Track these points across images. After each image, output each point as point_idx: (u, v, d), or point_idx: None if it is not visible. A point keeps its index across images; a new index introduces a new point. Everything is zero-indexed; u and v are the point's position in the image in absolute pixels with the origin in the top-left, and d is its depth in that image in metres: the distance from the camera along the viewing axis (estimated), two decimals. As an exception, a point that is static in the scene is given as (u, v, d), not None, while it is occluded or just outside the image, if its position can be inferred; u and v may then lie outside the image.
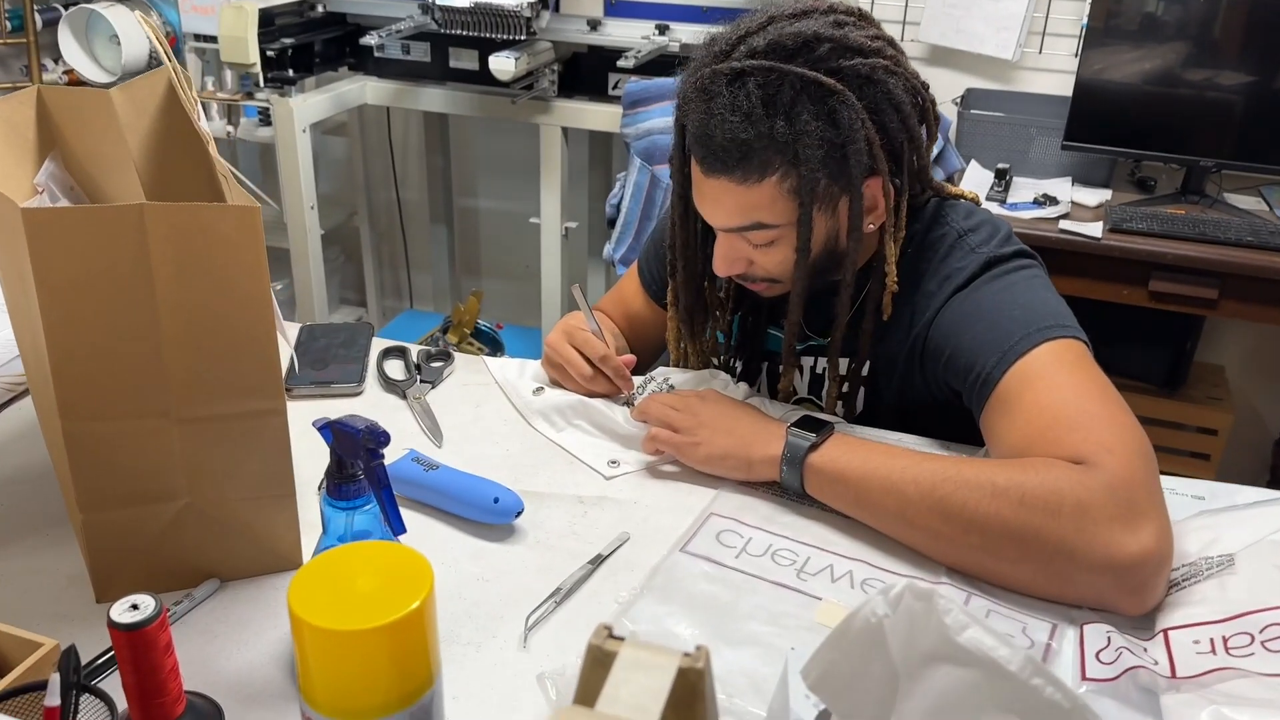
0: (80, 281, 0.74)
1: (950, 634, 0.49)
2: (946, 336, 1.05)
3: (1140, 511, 0.84)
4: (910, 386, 1.12)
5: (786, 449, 0.99)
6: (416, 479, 0.97)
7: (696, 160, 1.03)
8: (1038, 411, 0.93)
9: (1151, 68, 2.22)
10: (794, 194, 1.01)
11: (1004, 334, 0.99)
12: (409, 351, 1.26)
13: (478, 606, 0.86)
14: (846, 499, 0.97)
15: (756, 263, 1.08)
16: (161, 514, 0.84)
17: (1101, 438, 0.89)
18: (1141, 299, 2.11)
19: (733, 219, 1.04)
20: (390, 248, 3.28)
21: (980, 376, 0.99)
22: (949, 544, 0.91)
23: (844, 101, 0.98)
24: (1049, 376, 0.95)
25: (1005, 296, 1.03)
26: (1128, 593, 0.85)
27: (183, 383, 0.79)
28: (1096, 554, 0.84)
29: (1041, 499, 0.86)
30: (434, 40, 2.49)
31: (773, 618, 0.86)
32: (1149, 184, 2.37)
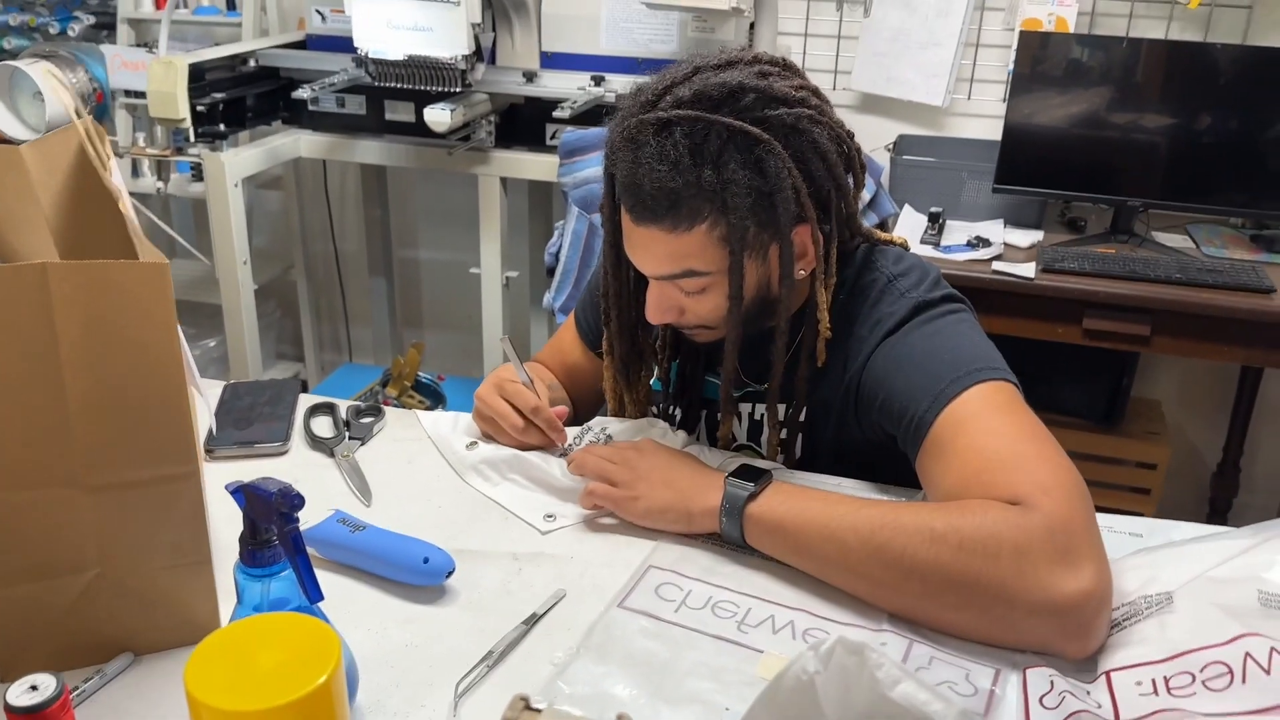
0: (-22, 345, 0.71)
1: (883, 689, 0.48)
2: (879, 381, 1.06)
3: (1079, 552, 0.84)
4: (846, 431, 1.12)
5: (725, 499, 0.98)
6: (342, 541, 0.94)
7: (626, 209, 1.03)
8: (972, 454, 0.94)
9: (1077, 111, 2.27)
10: (724, 242, 1.01)
11: (934, 378, 0.99)
12: (337, 408, 1.23)
13: (406, 675, 0.83)
14: (786, 548, 0.96)
15: (689, 310, 1.08)
16: (70, 587, 0.80)
17: (1037, 478, 0.89)
18: (1076, 337, 2.14)
19: (663, 267, 1.04)
20: (328, 301, 3.23)
21: (913, 421, 0.99)
22: (890, 591, 0.90)
23: (770, 150, 0.98)
24: (981, 419, 0.95)
25: (935, 341, 1.04)
26: (1070, 636, 0.84)
27: (90, 448, 0.76)
28: (1036, 597, 0.83)
29: (980, 543, 0.85)
30: (369, 93, 2.48)
31: (713, 673, 0.84)
32: (1079, 224, 2.42)
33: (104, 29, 2.91)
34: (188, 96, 2.21)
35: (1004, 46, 2.43)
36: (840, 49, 2.53)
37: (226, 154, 2.35)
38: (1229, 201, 2.27)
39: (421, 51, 2.19)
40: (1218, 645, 0.76)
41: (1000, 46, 2.44)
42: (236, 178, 2.37)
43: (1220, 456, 2.54)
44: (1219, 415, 2.57)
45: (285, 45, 2.58)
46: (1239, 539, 0.88)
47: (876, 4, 2.46)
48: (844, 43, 2.53)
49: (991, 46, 2.45)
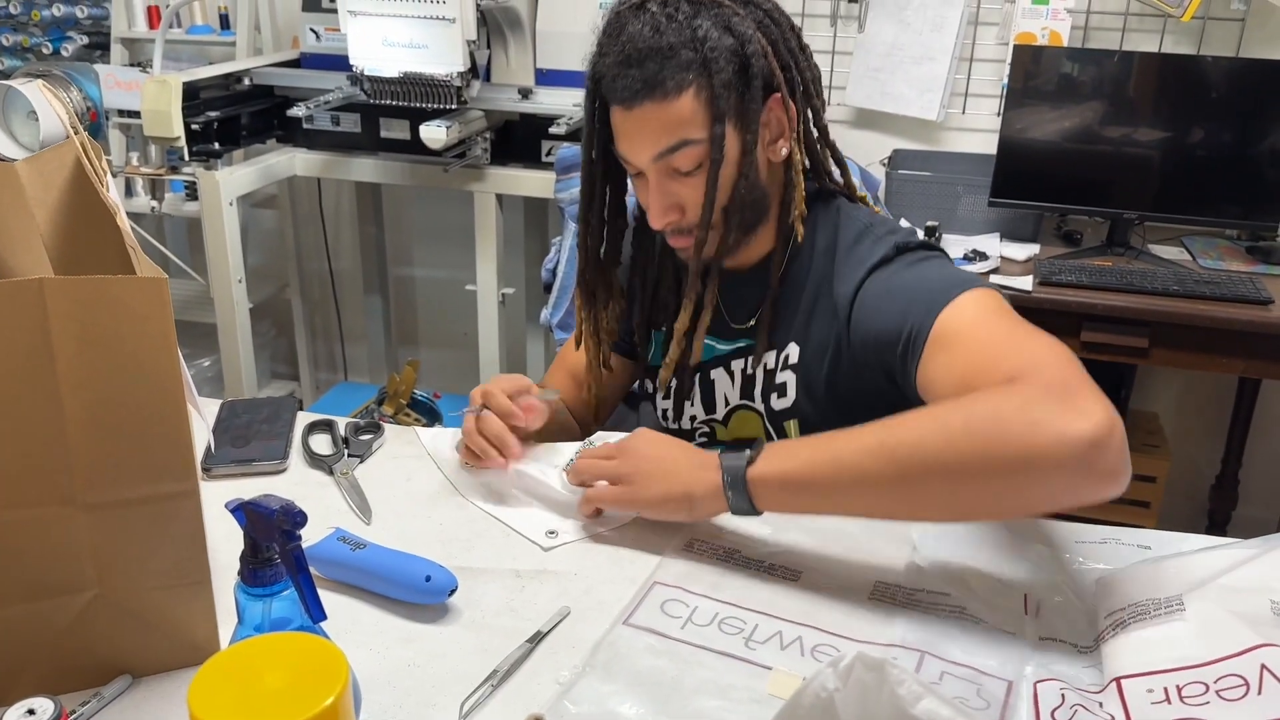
0: (-26, 362, 0.70)
1: (905, 705, 0.46)
2: (872, 312, 1.10)
3: (1081, 396, 0.85)
4: (839, 373, 1.16)
5: (725, 474, 0.97)
6: (343, 559, 0.93)
7: (618, 100, 1.09)
8: (975, 346, 0.97)
9: (1072, 125, 2.28)
10: (709, 107, 1.08)
11: (927, 295, 1.04)
12: (336, 425, 1.22)
13: (409, 695, 0.82)
14: (802, 497, 0.96)
15: (688, 203, 1.13)
16: (67, 607, 0.78)
17: (1032, 356, 0.92)
18: (1074, 349, 2.13)
19: (660, 141, 1.09)
20: (324, 319, 3.22)
21: (913, 332, 1.03)
22: (918, 496, 0.90)
23: (735, 14, 1.08)
24: (976, 317, 1.00)
25: (923, 271, 1.10)
26: (1099, 476, 0.84)
27: (88, 466, 0.74)
28: (1055, 445, 0.83)
29: (985, 418, 0.87)
30: (364, 111, 2.48)
31: (721, 690, 0.82)
32: (1075, 237, 2.42)
33: (97, 49, 2.91)
34: (182, 115, 2.21)
35: (998, 61, 2.44)
36: (835, 64, 2.54)
37: (221, 172, 2.34)
38: (1224, 213, 2.28)
39: (417, 69, 2.19)
40: (1233, 656, 0.76)
41: (994, 61, 2.45)
42: (231, 196, 2.36)
43: (1219, 469, 2.54)
44: (1217, 427, 2.57)
45: (279, 64, 2.58)
46: (1248, 548, 0.88)
47: (871, 19, 2.47)
48: (838, 58, 2.54)
49: (986, 61, 2.46)
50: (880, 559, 0.99)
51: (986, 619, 0.91)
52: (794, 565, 0.99)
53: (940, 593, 0.94)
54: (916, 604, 0.93)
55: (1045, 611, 0.93)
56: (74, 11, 2.83)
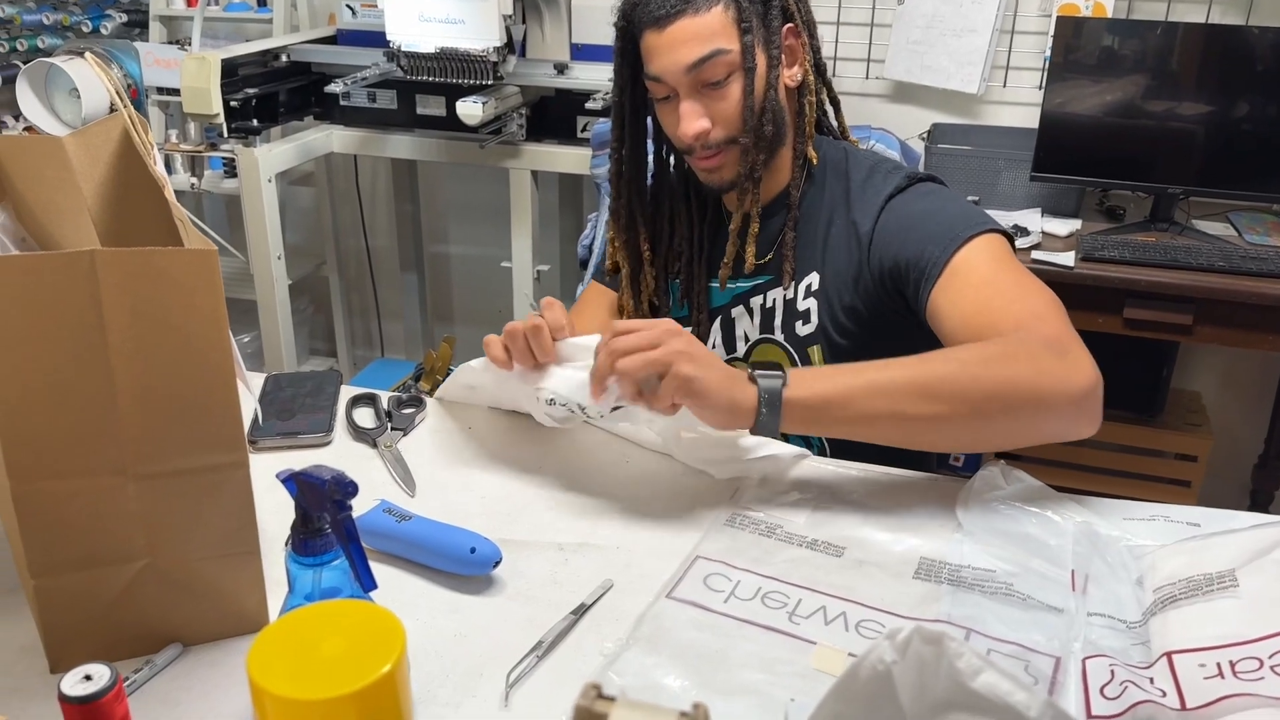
0: (29, 332, 0.70)
1: (964, 679, 0.46)
2: (893, 236, 1.20)
3: (1074, 353, 1.02)
4: (860, 298, 1.25)
5: (762, 392, 0.98)
6: (388, 531, 0.93)
7: (649, 24, 1.19)
8: (984, 285, 1.11)
9: (1116, 98, 2.23)
10: (736, 21, 1.19)
11: (948, 228, 1.15)
12: (379, 399, 1.22)
13: (456, 664, 0.82)
14: (834, 419, 1.01)
15: (716, 117, 1.21)
16: (119, 576, 0.79)
17: (1034, 308, 1.07)
18: (1116, 327, 2.11)
19: (694, 51, 1.18)
20: (360, 296, 3.24)
21: (930, 260, 1.14)
22: (944, 423, 0.99)
23: None
24: (989, 259, 1.13)
25: (938, 202, 1.21)
26: (1086, 419, 1.01)
27: (138, 437, 0.75)
28: (1057, 388, 0.99)
29: (999, 357, 1.00)
30: (400, 87, 2.48)
31: (766, 665, 0.82)
32: (1118, 213, 2.38)
33: (136, 26, 2.93)
34: (220, 92, 2.22)
35: (1040, 33, 2.40)
36: (873, 37, 2.51)
37: (260, 149, 2.35)
38: (1271, 188, 2.23)
39: (453, 44, 2.19)
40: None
41: (1036, 33, 2.41)
42: (270, 173, 2.38)
43: (1262, 448, 2.50)
44: (1260, 406, 2.52)
45: (316, 40, 2.59)
46: (1301, 526, 0.86)
47: (910, -9, 2.44)
48: (877, 30, 2.51)
49: (1027, 33, 2.42)
50: (924, 536, 0.98)
51: (1033, 596, 0.90)
52: (837, 542, 0.98)
53: (986, 569, 0.93)
54: (961, 581, 0.92)
55: (1093, 588, 0.92)
56: (113, -11, 2.85)
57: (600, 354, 0.98)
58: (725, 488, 1.06)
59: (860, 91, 2.56)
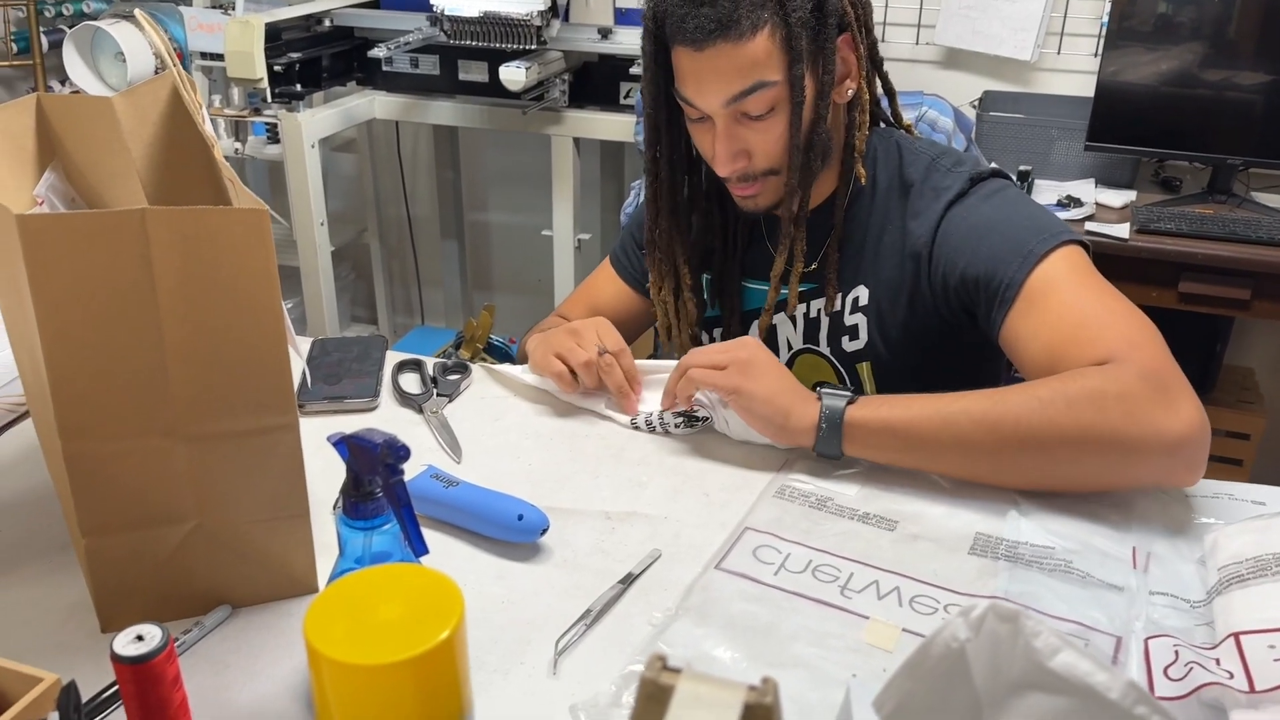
0: (79, 292, 0.70)
1: (1041, 659, 0.44)
2: (958, 250, 1.09)
3: (1174, 392, 0.91)
4: (916, 311, 1.15)
5: (824, 409, 0.98)
6: (436, 496, 0.93)
7: (686, 43, 1.04)
8: (1066, 311, 1.00)
9: (1173, 66, 2.18)
10: (785, 46, 1.04)
11: (1019, 242, 1.04)
12: (424, 364, 1.21)
13: (504, 631, 0.81)
14: (896, 447, 0.97)
15: (756, 149, 1.10)
16: (168, 537, 0.79)
17: (1128, 334, 0.96)
18: (1171, 301, 2.06)
19: (733, 84, 1.05)
20: (401, 264, 3.24)
21: (1004, 282, 1.04)
22: (1010, 463, 0.94)
23: None
24: (1069, 279, 1.02)
25: (1006, 209, 1.09)
26: (1182, 469, 0.93)
27: (189, 398, 0.75)
28: (1148, 436, 0.90)
29: (1085, 399, 0.91)
30: (443, 52, 2.46)
31: (818, 638, 0.81)
32: (1174, 184, 2.32)
33: (181, -9, 2.92)
34: (264, 56, 2.21)
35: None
36: (924, 2, 2.45)
37: (303, 114, 2.35)
38: (1335, 160, 2.17)
39: (496, 8, 2.16)
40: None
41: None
42: (313, 138, 2.37)
43: (1318, 427, 2.44)
44: (1317, 384, 2.46)
45: (359, 4, 2.57)
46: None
47: (963, -45, 2.38)
48: (928, -4, 2.45)
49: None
50: (980, 511, 0.96)
51: (1093, 574, 0.87)
52: (889, 515, 0.96)
53: (1044, 546, 0.91)
54: (1019, 557, 0.90)
55: (1155, 566, 0.89)
56: (157, -46, 2.84)
57: (675, 370, 1.08)
58: (774, 459, 1.04)
59: (910, 58, 2.50)
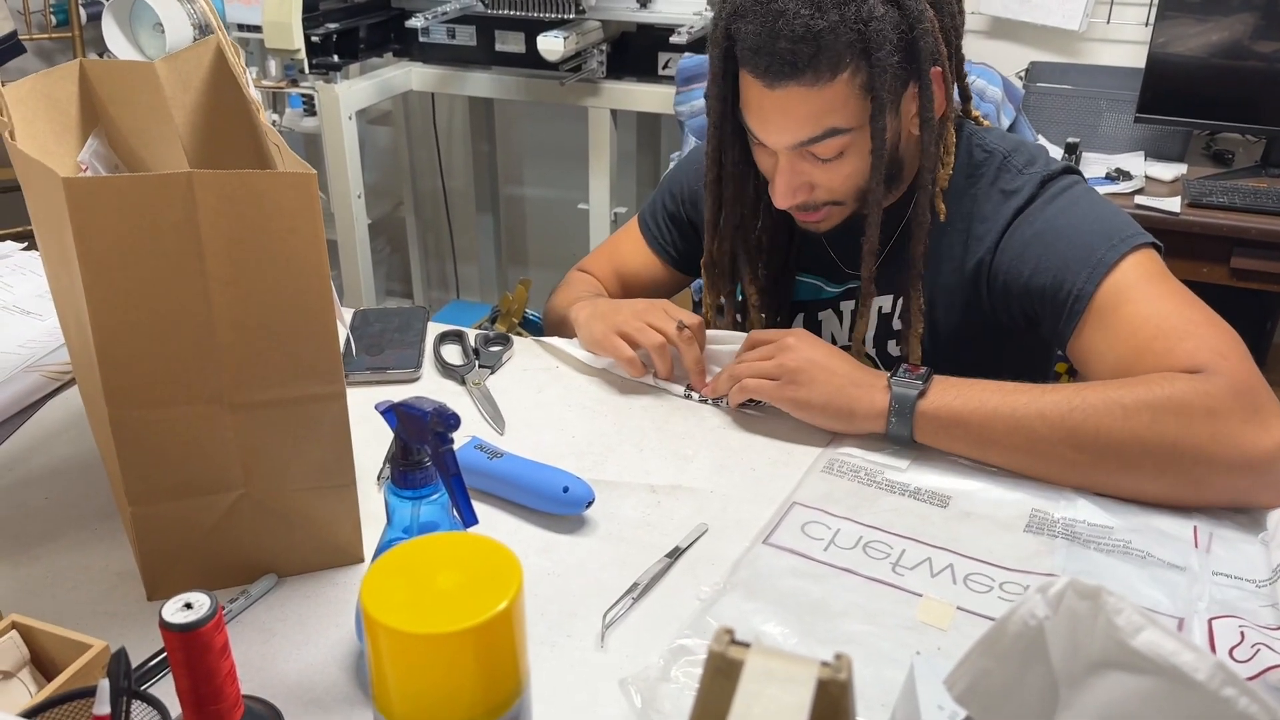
0: (126, 256, 0.69)
1: (1123, 637, 0.42)
2: (1022, 258, 1.04)
3: (1266, 409, 0.87)
4: (972, 316, 1.10)
5: (894, 399, 0.95)
6: (480, 467, 0.92)
7: (757, 75, 0.98)
8: (1141, 323, 0.94)
9: (1226, 36, 2.12)
10: (866, 90, 0.97)
11: (1087, 249, 0.98)
12: (466, 336, 1.20)
13: (550, 603, 0.80)
14: (967, 440, 0.94)
15: (820, 184, 1.05)
16: (215, 506, 0.78)
17: (1212, 343, 0.90)
18: (1222, 277, 2.01)
19: (804, 130, 0.99)
20: (436, 238, 3.24)
21: (1072, 293, 0.98)
22: (1086, 469, 0.91)
23: None
24: (1142, 288, 0.96)
25: (1074, 214, 1.03)
26: (1269, 488, 0.87)
27: (236, 365, 0.74)
28: (1234, 455, 0.86)
29: (1172, 411, 0.86)
30: (479, 23, 2.44)
31: (870, 616, 0.79)
32: (1226, 157, 2.26)
33: (218, -37, 2.92)
34: (302, 27, 2.20)
35: (1149, -34, 2.27)
36: (970, -29, 2.40)
37: (340, 86, 2.34)
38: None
39: (535, -23, 2.14)
40: None
41: (1145, -34, 2.28)
42: (350, 110, 2.37)
43: (1371, 407, 2.38)
44: (1371, 363, 2.41)
45: (397, -25, 2.56)
46: None
47: (1011, -79, 2.32)
48: (974, -36, 2.40)
49: (1135, -34, 2.29)
50: (1035, 488, 0.93)
51: (1153, 553, 0.85)
52: (941, 490, 0.94)
53: (1103, 525, 0.88)
54: (1076, 536, 0.88)
55: (1217, 546, 0.87)
56: (194, -75, 2.84)
57: (726, 368, 1.05)
58: (821, 434, 1.02)
59: (954, 28, 2.45)
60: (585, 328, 1.14)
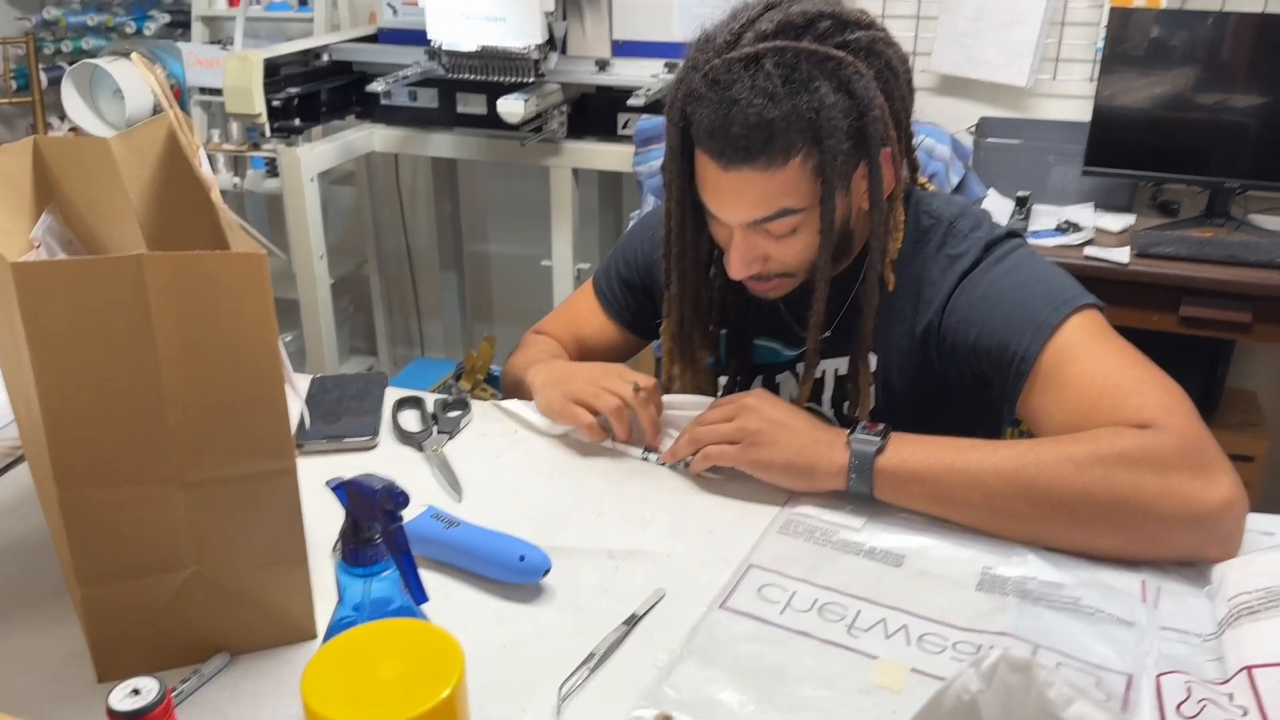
0: (76, 338, 0.69)
1: (1054, 709, 0.43)
2: (968, 321, 1.06)
3: (1213, 465, 0.89)
4: (925, 377, 1.12)
5: (853, 456, 0.97)
6: (436, 537, 0.92)
7: (712, 157, 1.01)
8: (1086, 382, 0.96)
9: (1170, 90, 2.19)
10: (817, 173, 1.00)
11: (1031, 310, 1.01)
12: (424, 402, 1.21)
13: (506, 677, 0.80)
14: (923, 497, 0.96)
15: (773, 257, 1.07)
16: (166, 585, 0.78)
17: (1160, 400, 0.92)
18: (1172, 325, 2.05)
19: (756, 210, 1.02)
20: (400, 295, 3.24)
21: (1017, 355, 1.00)
22: (1039, 525, 0.92)
23: (856, 71, 0.98)
24: (1086, 347, 0.98)
25: (1017, 276, 1.06)
26: (1216, 543, 0.89)
27: (187, 444, 0.74)
28: (1184, 510, 0.88)
29: (1123, 466, 0.88)
30: (441, 86, 2.47)
31: (825, 680, 0.79)
32: (1172, 207, 2.32)
33: (178, 27, 2.94)
34: (263, 91, 2.22)
35: (1091, 24, 2.34)
36: (919, 30, 2.47)
37: (302, 149, 2.36)
38: (1333, 182, 2.17)
39: (495, 42, 2.17)
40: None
41: (1087, 24, 2.35)
42: (312, 172, 2.38)
43: (1323, 449, 2.43)
44: (1321, 406, 2.46)
45: (357, 39, 2.58)
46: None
47: (958, -17, 2.39)
48: (923, 23, 2.46)
49: (1078, 24, 2.36)
50: (987, 546, 0.94)
51: (1103, 609, 0.86)
52: (896, 550, 0.95)
53: (1053, 582, 0.89)
54: (1028, 593, 0.89)
55: (1164, 599, 0.88)
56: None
57: (685, 432, 1.07)
58: (778, 494, 1.03)
59: (906, 86, 2.51)
60: (542, 393, 1.15)
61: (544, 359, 1.25)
